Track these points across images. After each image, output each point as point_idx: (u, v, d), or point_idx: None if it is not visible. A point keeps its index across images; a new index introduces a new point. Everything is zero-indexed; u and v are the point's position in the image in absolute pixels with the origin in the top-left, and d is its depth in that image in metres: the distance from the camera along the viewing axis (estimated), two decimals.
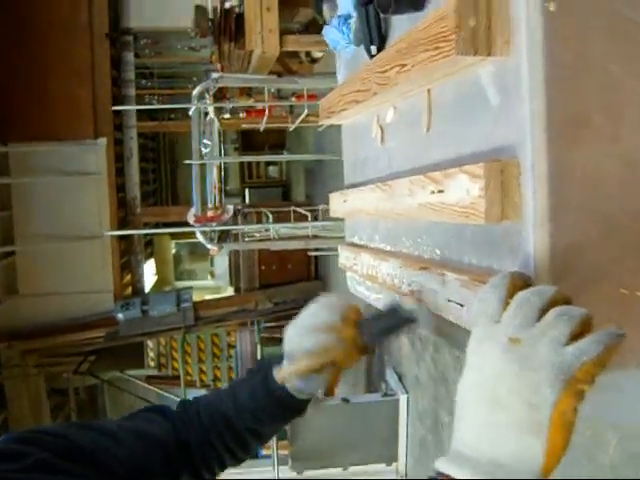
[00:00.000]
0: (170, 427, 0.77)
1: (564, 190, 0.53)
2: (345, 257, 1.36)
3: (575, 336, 0.45)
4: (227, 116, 2.56)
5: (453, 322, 0.69)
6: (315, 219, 2.71)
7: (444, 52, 0.58)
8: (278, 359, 0.80)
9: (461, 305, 0.65)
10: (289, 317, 0.86)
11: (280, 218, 2.79)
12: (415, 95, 0.86)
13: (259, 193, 9.31)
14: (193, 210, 2.30)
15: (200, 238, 2.29)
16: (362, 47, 1.20)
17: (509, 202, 0.55)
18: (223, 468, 0.83)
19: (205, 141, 2.26)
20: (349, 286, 1.43)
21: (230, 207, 2.31)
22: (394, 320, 0.78)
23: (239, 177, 9.82)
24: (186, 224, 3.33)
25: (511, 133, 0.56)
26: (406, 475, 3.79)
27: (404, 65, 0.71)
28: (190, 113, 2.27)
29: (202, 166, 2.51)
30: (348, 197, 1.21)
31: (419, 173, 0.82)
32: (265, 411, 0.79)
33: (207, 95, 2.27)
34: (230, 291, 7.19)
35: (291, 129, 2.71)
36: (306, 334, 0.75)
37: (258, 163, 9.70)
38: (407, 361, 3.95)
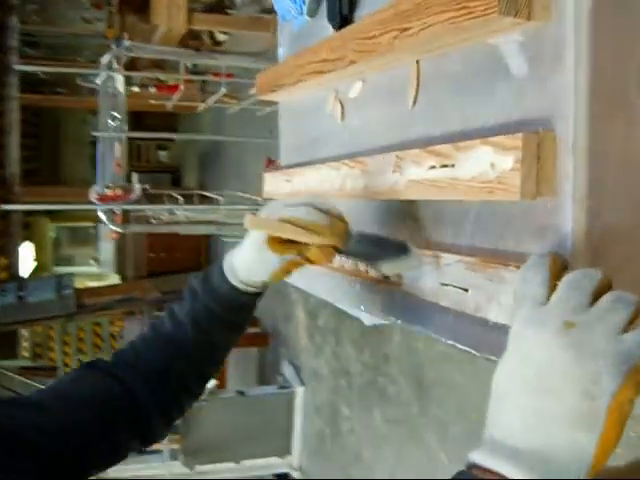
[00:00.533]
0: (109, 381, 0.70)
1: (602, 167, 0.50)
2: None
3: (629, 323, 0.42)
4: (136, 89, 2.38)
5: (447, 307, 0.65)
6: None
7: (476, 12, 0.53)
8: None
9: (465, 290, 0.61)
10: None
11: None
12: (395, 67, 0.81)
13: (147, 178, 8.90)
14: (96, 188, 2.12)
15: (103, 218, 2.12)
16: (314, 20, 1.14)
17: (544, 177, 0.51)
18: (181, 409, 0.76)
19: (114, 114, 2.09)
20: None
21: (137, 186, 2.15)
22: (385, 244, 0.75)
23: (126, 160, 9.35)
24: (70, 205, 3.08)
25: (546, 105, 0.53)
26: (300, 468, 3.78)
27: (406, 29, 0.65)
28: (98, 81, 2.08)
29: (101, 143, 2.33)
30: (294, 177, 1.14)
31: (400, 150, 0.77)
32: (210, 315, 0.73)
33: (116, 64, 2.09)
34: (115, 279, 6.82)
35: (201, 109, 2.58)
36: (298, 207, 0.69)
37: (148, 147, 9.34)
38: (305, 354, 3.93)
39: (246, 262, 0.73)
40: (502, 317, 0.56)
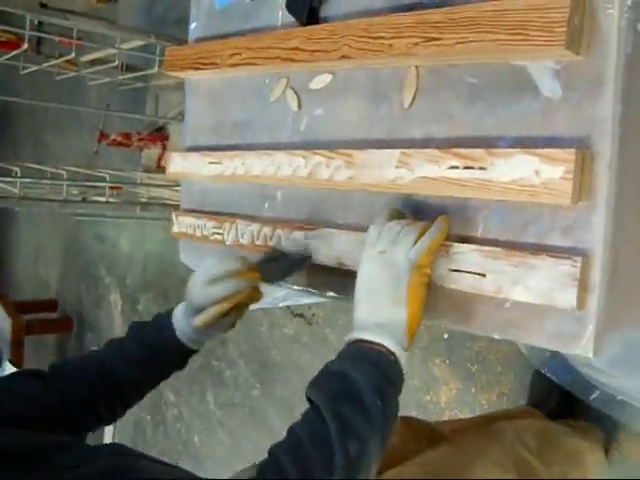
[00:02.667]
0: (51, 389, 0.78)
1: (624, 179, 0.63)
2: (187, 225, 1.27)
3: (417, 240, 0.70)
4: None
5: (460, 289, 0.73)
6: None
7: (536, 41, 0.62)
8: (167, 313, 0.89)
9: (482, 275, 0.70)
10: None
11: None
12: (378, 67, 0.87)
13: None
14: None
15: None
16: (254, 3, 1.14)
17: (584, 185, 0.62)
18: (97, 426, 0.85)
19: None
20: (183, 257, 1.34)
21: None
22: (289, 260, 0.94)
23: None
24: None
25: (582, 126, 0.64)
26: None
27: (435, 39, 0.72)
28: None
29: None
30: (223, 159, 1.13)
31: (390, 145, 0.84)
32: (154, 362, 0.86)
33: None
34: None
35: (29, 70, 2.33)
36: (213, 283, 0.84)
37: None
38: (120, 331, 3.75)
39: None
40: (530, 297, 0.66)
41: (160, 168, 3.03)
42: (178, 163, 1.29)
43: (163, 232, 3.19)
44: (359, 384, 0.61)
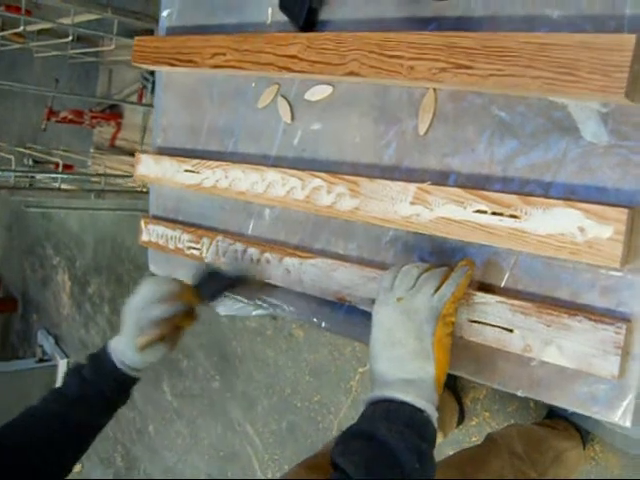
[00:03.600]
0: None
1: None
2: (159, 235, 1.17)
3: (439, 286, 0.65)
4: None
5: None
6: None
7: (590, 85, 0.55)
8: (101, 350, 0.83)
9: (509, 330, 0.65)
10: None
11: None
12: (391, 86, 0.79)
13: None
14: None
15: None
16: None
17: (632, 246, 0.57)
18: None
19: None
20: (153, 269, 1.25)
21: None
22: (226, 279, 0.92)
23: None
24: None
25: (629, 181, 0.58)
26: None
27: (466, 67, 0.65)
28: None
29: None
30: (202, 169, 1.03)
31: (402, 175, 0.77)
32: (99, 398, 0.80)
33: None
34: None
35: None
36: (151, 305, 0.83)
37: None
38: (68, 323, 3.59)
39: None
40: (563, 360, 0.61)
41: (113, 147, 2.87)
42: (148, 166, 1.18)
43: (114, 214, 3.03)
44: (394, 448, 0.57)
